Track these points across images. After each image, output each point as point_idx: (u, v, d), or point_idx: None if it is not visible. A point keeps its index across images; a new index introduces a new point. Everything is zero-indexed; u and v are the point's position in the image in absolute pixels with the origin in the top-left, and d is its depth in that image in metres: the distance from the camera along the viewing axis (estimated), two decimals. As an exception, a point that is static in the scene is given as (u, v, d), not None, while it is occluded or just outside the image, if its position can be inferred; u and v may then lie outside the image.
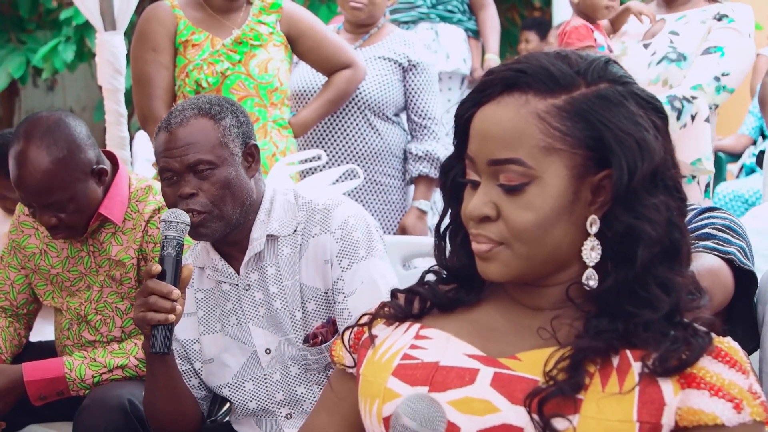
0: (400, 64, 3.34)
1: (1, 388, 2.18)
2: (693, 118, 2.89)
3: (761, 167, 3.61)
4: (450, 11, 4.35)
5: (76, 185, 2.17)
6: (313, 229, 1.91)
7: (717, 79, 2.87)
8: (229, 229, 1.89)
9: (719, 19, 2.94)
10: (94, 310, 2.30)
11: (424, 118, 3.34)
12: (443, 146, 3.35)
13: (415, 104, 3.35)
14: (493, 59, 4.37)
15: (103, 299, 2.30)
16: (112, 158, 2.33)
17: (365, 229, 1.92)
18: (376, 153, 3.31)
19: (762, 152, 3.64)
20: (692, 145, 2.93)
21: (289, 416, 1.96)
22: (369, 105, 3.26)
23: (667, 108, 2.84)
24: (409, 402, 1.11)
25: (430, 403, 1.11)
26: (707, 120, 2.97)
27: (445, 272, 1.33)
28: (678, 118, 2.85)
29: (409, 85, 3.35)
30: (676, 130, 2.86)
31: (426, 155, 3.32)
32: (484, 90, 1.21)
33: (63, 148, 2.15)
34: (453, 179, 1.29)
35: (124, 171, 2.33)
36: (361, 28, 3.41)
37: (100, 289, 2.30)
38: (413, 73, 3.35)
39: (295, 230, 1.92)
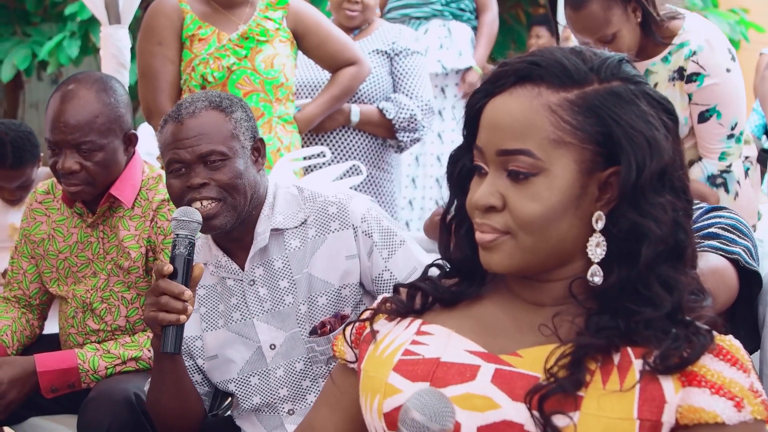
0: (387, 54, 3.35)
1: (15, 376, 2.17)
2: (740, 183, 2.77)
3: (765, 166, 3.59)
4: (462, 9, 4.35)
5: (112, 136, 2.22)
6: (331, 224, 1.91)
7: (731, 136, 2.69)
8: (238, 222, 1.89)
9: (689, 81, 2.63)
10: (100, 298, 2.30)
11: (411, 98, 3.32)
12: (424, 117, 3.32)
13: (402, 87, 3.34)
14: (475, 71, 4.27)
15: (110, 288, 2.30)
16: (135, 141, 2.34)
17: (387, 217, 1.95)
18: (366, 147, 3.31)
19: (765, 150, 3.63)
20: (747, 206, 2.79)
21: (291, 412, 1.96)
22: (360, 98, 3.26)
23: (712, 188, 2.73)
24: (419, 396, 1.10)
25: (440, 398, 1.10)
26: (747, 174, 2.85)
27: (447, 266, 1.33)
28: (727, 191, 2.74)
29: (396, 70, 3.35)
30: (732, 202, 2.74)
31: (404, 106, 3.28)
32: (497, 81, 1.21)
33: (111, 97, 2.23)
34: (460, 170, 1.29)
35: (139, 157, 2.35)
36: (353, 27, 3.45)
37: (106, 277, 2.30)
38: (399, 58, 3.36)
39: (304, 222, 1.93)
